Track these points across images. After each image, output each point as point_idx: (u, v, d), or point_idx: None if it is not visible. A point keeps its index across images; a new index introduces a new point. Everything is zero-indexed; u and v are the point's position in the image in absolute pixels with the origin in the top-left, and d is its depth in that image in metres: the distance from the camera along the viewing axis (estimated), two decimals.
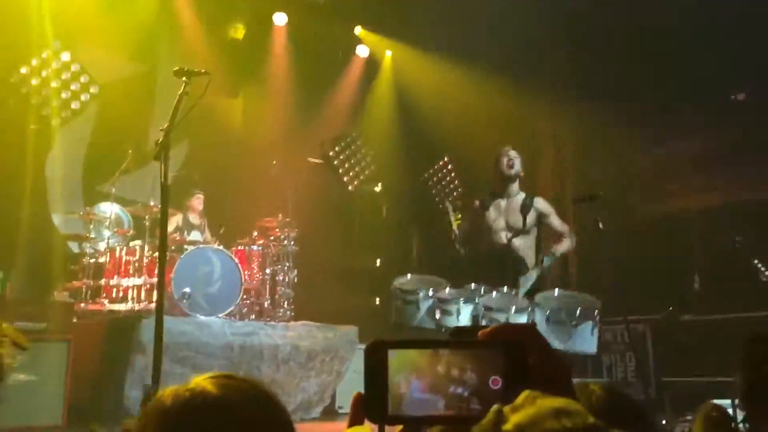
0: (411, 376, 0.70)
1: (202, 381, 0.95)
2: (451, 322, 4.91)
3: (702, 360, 8.01)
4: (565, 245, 5.67)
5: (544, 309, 4.94)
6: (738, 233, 7.25)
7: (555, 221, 5.59)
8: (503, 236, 5.44)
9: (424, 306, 5.02)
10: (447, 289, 5.06)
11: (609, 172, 9.90)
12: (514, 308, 4.86)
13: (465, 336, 0.75)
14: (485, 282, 5.06)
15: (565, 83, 10.08)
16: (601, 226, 5.94)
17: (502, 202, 5.55)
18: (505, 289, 5.09)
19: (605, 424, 0.59)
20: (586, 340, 4.99)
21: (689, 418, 5.58)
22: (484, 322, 4.86)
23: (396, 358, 0.71)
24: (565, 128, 10.17)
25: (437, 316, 4.96)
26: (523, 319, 4.85)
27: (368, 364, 0.72)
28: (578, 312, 4.93)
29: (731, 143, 9.35)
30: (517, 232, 5.36)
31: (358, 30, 10.49)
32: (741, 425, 1.95)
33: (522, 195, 5.60)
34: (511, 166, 5.57)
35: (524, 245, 5.50)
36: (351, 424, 0.72)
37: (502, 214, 5.50)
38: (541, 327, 4.78)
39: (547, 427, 0.56)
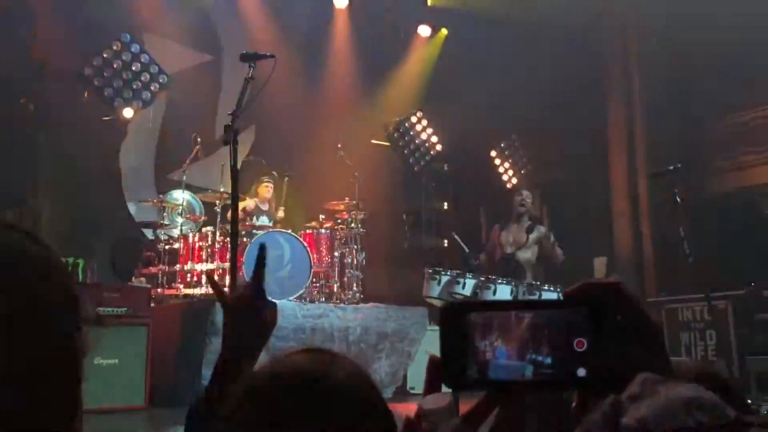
0: (496, 340, 0.66)
1: (296, 356, 0.90)
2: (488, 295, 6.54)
3: None
4: (558, 255, 7.34)
5: None
6: None
7: (548, 243, 7.28)
8: (508, 248, 7.26)
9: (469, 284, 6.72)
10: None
11: (685, 142, 9.53)
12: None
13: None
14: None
15: (637, 47, 9.77)
16: (678, 200, 5.74)
17: (515, 226, 7.37)
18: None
19: (749, 417, 0.51)
20: None
21: None
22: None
23: (479, 321, 0.66)
24: (637, 94, 9.83)
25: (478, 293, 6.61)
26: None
27: (446, 327, 0.67)
28: None
29: None
30: (519, 246, 7.17)
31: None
32: None
33: (529, 222, 7.38)
34: (523, 205, 7.39)
35: (524, 257, 7.24)
36: (427, 391, 0.67)
37: (511, 234, 7.31)
38: None
39: (678, 425, 0.48)
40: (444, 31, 10.65)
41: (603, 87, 10.14)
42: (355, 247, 7.97)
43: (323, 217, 8.10)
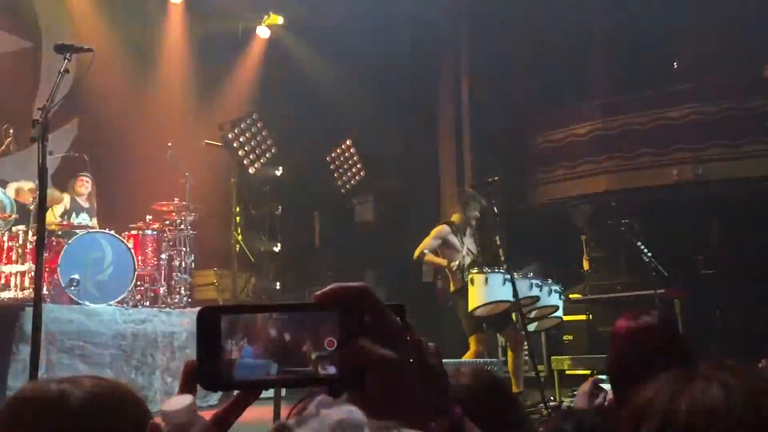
0: (242, 341, 0.68)
1: (56, 384, 0.90)
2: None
3: (589, 337, 8.41)
4: None
5: None
6: (624, 217, 7.65)
7: None
8: (467, 257, 6.72)
9: None
10: None
11: (508, 156, 10.20)
12: None
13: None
14: None
15: (466, 62, 10.31)
16: (496, 210, 6.13)
17: (467, 234, 6.88)
18: None
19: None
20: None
21: (576, 392, 5.86)
22: None
23: (228, 323, 0.69)
24: (466, 110, 10.38)
25: None
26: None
27: (200, 331, 0.69)
28: None
29: (618, 134, 9.87)
30: (477, 255, 6.78)
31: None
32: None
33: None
34: (477, 220, 6.92)
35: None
36: (181, 393, 0.69)
37: (465, 243, 6.81)
38: None
39: None
40: (277, 18, 10.49)
41: (435, 101, 10.60)
42: (184, 249, 7.74)
43: (150, 217, 7.77)
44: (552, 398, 5.59)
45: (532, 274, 6.56)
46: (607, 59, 9.82)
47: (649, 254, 7.08)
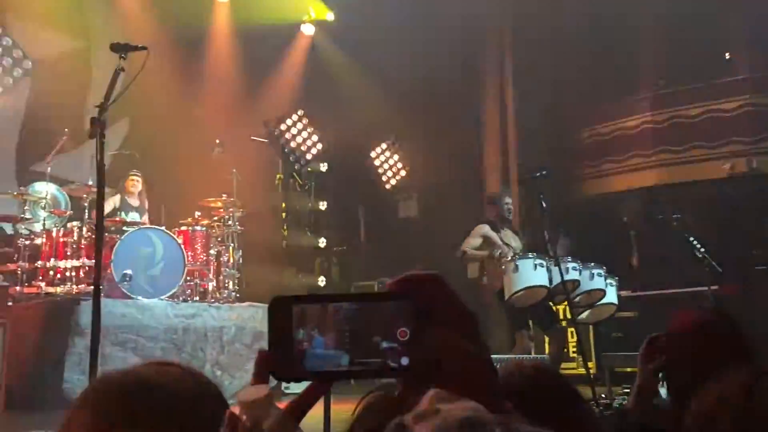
0: (314, 331, 0.68)
1: (138, 368, 0.92)
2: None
3: (640, 334, 8.24)
4: None
5: None
6: (674, 212, 7.48)
7: None
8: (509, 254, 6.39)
9: None
10: None
11: (552, 151, 10.06)
12: None
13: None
14: None
15: (511, 60, 10.20)
16: (544, 204, 6.05)
17: (504, 231, 6.68)
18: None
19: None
20: None
21: (627, 390, 5.75)
22: None
23: (299, 313, 0.68)
24: (510, 102, 10.27)
25: None
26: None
27: (272, 320, 0.69)
28: None
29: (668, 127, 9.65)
30: (517, 252, 6.44)
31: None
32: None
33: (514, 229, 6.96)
34: (510, 211, 6.80)
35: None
36: (255, 383, 0.69)
37: (504, 240, 6.59)
38: None
39: None
40: (326, 11, 10.52)
41: (480, 97, 10.51)
42: (232, 245, 7.83)
43: (199, 214, 7.89)
44: (603, 396, 5.50)
45: (570, 258, 6.14)
46: (658, 50, 9.61)
47: (703, 249, 6.91)
